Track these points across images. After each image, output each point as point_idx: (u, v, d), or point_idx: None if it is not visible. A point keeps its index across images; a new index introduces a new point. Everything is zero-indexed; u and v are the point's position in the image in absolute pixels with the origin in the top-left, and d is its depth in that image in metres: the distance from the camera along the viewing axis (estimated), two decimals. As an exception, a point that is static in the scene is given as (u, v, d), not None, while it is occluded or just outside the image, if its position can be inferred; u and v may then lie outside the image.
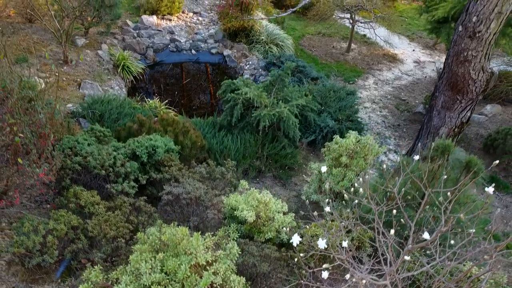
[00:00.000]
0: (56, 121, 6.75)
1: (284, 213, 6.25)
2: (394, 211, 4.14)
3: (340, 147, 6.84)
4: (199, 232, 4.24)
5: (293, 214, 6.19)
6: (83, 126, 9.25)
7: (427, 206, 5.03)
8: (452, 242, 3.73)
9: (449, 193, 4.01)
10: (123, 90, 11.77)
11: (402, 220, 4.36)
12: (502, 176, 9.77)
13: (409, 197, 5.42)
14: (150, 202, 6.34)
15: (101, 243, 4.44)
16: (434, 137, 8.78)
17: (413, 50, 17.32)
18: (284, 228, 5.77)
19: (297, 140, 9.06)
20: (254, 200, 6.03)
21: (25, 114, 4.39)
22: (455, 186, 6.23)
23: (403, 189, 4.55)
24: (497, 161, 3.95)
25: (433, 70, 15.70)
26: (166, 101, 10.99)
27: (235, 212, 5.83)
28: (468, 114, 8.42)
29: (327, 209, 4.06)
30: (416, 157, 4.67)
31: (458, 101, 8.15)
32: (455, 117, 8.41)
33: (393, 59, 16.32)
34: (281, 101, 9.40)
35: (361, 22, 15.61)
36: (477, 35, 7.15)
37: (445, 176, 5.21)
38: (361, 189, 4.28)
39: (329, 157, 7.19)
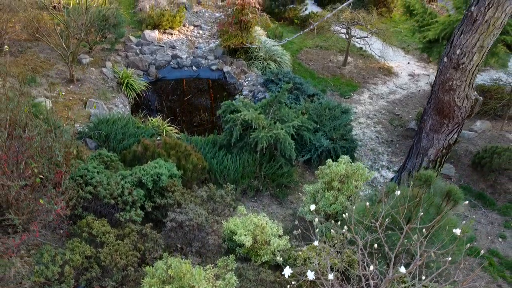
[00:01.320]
0: (69, 152, 7.24)
1: (280, 236, 6.72)
2: (381, 235, 4.59)
3: (332, 173, 7.31)
4: (201, 259, 4.72)
5: (288, 237, 6.66)
6: (90, 147, 9.74)
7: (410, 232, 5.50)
8: (424, 277, 4.18)
9: (424, 230, 4.48)
10: (127, 107, 12.25)
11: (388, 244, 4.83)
12: (489, 192, 10.24)
13: (394, 222, 5.89)
14: (155, 225, 6.83)
15: (113, 272, 4.90)
16: (423, 158, 9.25)
17: (408, 63, 17.78)
18: (279, 252, 6.24)
19: (293, 160, 9.53)
20: (252, 225, 6.50)
21: (47, 160, 4.86)
22: (438, 211, 6.72)
23: (387, 219, 5.02)
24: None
25: (427, 83, 16.15)
26: (168, 119, 11.46)
27: (234, 237, 6.30)
28: (455, 136, 8.89)
29: (318, 229, 4.52)
30: (397, 192, 5.16)
31: (445, 125, 8.62)
32: (442, 139, 8.87)
33: (388, 72, 16.79)
34: (278, 121, 9.89)
35: (356, 37, 16.08)
36: (461, 66, 7.62)
37: (423, 209, 5.69)
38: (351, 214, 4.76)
39: (322, 181, 7.66)
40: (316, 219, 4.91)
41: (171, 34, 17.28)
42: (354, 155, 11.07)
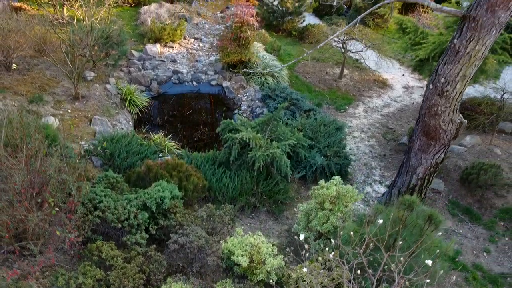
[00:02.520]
0: (79, 174, 7.75)
1: (275, 255, 7.22)
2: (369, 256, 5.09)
3: (323, 194, 7.80)
4: (201, 278, 5.20)
5: (282, 256, 7.15)
6: (95, 165, 10.23)
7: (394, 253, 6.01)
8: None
9: (402, 258, 4.97)
10: (130, 123, 12.74)
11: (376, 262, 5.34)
12: (476, 207, 10.72)
13: (382, 241, 6.38)
14: (158, 244, 7.33)
15: (121, 293, 5.40)
16: (412, 175, 9.73)
17: (403, 75, 18.27)
18: (274, 271, 6.73)
19: (289, 177, 10.02)
20: (248, 245, 7.00)
21: (60, 191, 5.36)
22: (421, 233, 7.22)
23: (371, 244, 5.50)
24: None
25: (420, 95, 16.63)
26: (170, 136, 11.96)
27: (232, 257, 6.80)
28: (442, 155, 9.37)
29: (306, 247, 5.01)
30: (380, 221, 5.67)
31: (432, 146, 9.10)
32: (430, 159, 9.36)
33: (383, 85, 17.28)
34: (274, 140, 10.39)
35: (352, 52, 16.56)
36: (445, 93, 8.11)
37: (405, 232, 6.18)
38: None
39: (314, 201, 8.15)
40: (306, 246, 5.42)
41: (172, 47, 17.77)
42: (348, 170, 11.57)
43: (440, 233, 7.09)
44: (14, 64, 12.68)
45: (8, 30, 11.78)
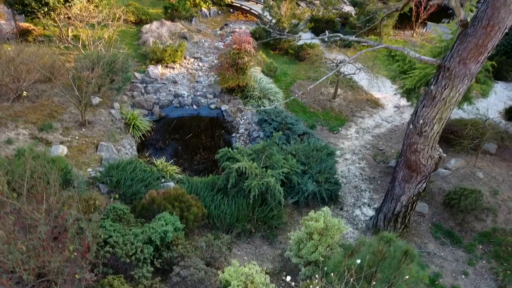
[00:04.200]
0: (91, 204, 8.52)
1: (267, 284, 7.98)
2: None
3: (312, 226, 8.55)
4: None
5: (274, 285, 7.91)
6: (102, 192, 10.98)
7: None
8: None
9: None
10: (134, 147, 13.50)
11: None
12: (457, 230, 11.47)
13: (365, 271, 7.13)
14: (161, 273, 8.10)
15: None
16: (396, 203, 10.49)
17: (395, 94, 18.95)
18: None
19: (282, 204, 10.77)
20: (243, 275, 7.76)
21: (78, 238, 6.10)
22: (398, 265, 8.00)
23: (352, 279, 6.25)
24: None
25: (411, 115, 17.37)
26: (171, 161, 12.71)
27: (228, 287, 7.56)
28: (424, 185, 10.13)
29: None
30: (358, 261, 6.42)
31: (414, 177, 9.86)
32: (413, 188, 10.12)
33: (375, 104, 18.04)
34: (269, 168, 11.14)
35: (345, 74, 17.31)
36: (423, 133, 8.86)
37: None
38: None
39: (304, 231, 8.91)
40: (293, 283, 6.17)
41: (173, 68, 18.52)
42: (339, 194, 12.33)
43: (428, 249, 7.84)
44: (24, 92, 13.42)
45: (20, 62, 12.51)
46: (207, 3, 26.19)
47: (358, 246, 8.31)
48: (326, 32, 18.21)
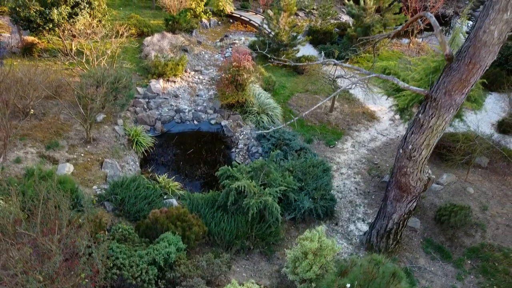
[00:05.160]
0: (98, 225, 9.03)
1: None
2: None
3: (307, 246, 9.05)
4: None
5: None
6: (108, 209, 11.48)
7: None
8: None
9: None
10: (137, 163, 14.00)
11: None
12: (447, 245, 11.97)
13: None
14: (165, 292, 8.59)
15: None
16: (388, 220, 10.99)
17: (390, 107, 19.46)
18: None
19: (279, 221, 11.26)
20: (242, 295, 8.26)
21: (89, 264, 6.60)
22: (387, 285, 8.48)
23: None
24: None
25: (405, 127, 17.87)
26: (173, 177, 13.21)
27: (228, 306, 8.05)
28: (414, 204, 10.63)
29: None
30: (348, 286, 6.92)
31: (405, 197, 10.35)
32: (404, 207, 10.61)
33: (371, 117, 18.53)
34: (267, 186, 11.64)
35: (342, 88, 17.76)
36: (412, 158, 9.36)
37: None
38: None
39: (300, 250, 9.40)
40: None
41: (174, 81, 19.03)
42: (334, 209, 12.82)
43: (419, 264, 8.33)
44: (31, 110, 13.92)
45: (27, 82, 13.02)
46: (207, 14, 26.68)
47: (350, 266, 8.82)
48: (322, 53, 18.70)
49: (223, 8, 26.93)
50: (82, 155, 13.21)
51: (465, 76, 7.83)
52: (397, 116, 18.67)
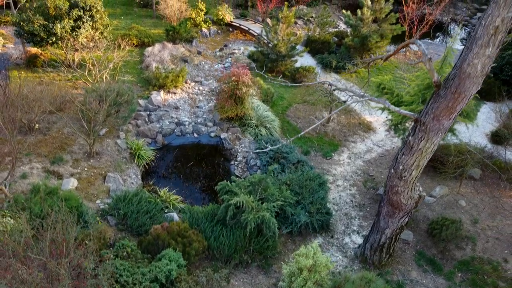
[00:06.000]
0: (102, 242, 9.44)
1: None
2: None
3: (302, 263, 9.47)
4: None
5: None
6: (111, 224, 11.89)
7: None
8: None
9: None
10: (138, 176, 14.42)
11: None
12: (439, 258, 12.38)
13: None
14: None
15: None
16: (381, 235, 11.40)
17: (386, 117, 19.85)
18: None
19: (276, 235, 11.67)
20: (240, 310, 8.68)
21: (95, 285, 7.03)
22: (378, 302, 8.87)
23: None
24: None
25: (401, 138, 18.26)
26: (174, 191, 13.63)
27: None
28: (406, 220, 11.04)
29: None
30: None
31: (397, 213, 10.76)
32: (396, 222, 11.03)
33: (367, 128, 18.93)
34: (265, 201, 12.05)
35: (338, 101, 18.21)
36: (403, 178, 9.77)
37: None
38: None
39: (296, 266, 9.82)
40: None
41: (175, 93, 19.44)
42: (330, 222, 13.23)
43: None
44: (36, 124, 14.33)
45: (33, 99, 13.43)
46: (207, 23, 27.08)
47: (343, 282, 9.25)
48: (319, 70, 19.04)
49: (222, 17, 27.34)
50: (86, 169, 13.62)
51: (451, 104, 8.23)
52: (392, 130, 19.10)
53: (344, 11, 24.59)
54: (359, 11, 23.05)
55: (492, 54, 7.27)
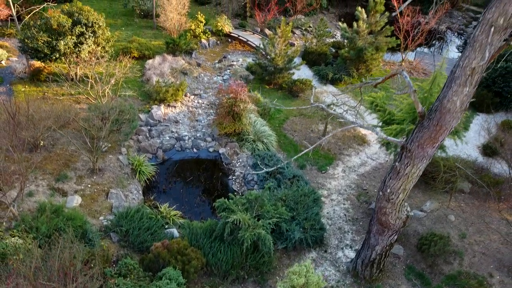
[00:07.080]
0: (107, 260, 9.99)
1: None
2: None
3: (295, 281, 10.01)
4: None
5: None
6: (113, 240, 12.44)
7: None
8: None
9: None
10: (140, 192, 14.97)
11: None
12: (428, 272, 12.92)
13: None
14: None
15: None
16: (372, 251, 11.94)
17: (380, 128, 20.42)
18: None
19: (272, 252, 12.21)
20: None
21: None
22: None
23: None
24: None
25: (396, 151, 18.80)
26: (174, 206, 14.18)
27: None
28: (395, 237, 11.58)
29: None
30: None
31: (386, 231, 11.31)
32: (385, 240, 11.58)
33: (362, 141, 19.45)
34: (261, 217, 12.60)
35: (333, 114, 18.73)
36: (391, 200, 10.32)
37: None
38: None
39: (289, 283, 10.37)
40: None
41: (175, 107, 19.98)
42: (324, 236, 13.76)
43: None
44: (41, 142, 14.87)
45: (38, 118, 13.98)
46: (207, 34, 27.61)
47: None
48: (316, 83, 19.51)
49: (221, 28, 27.86)
50: (89, 186, 14.17)
51: (434, 135, 8.78)
52: (388, 138, 19.62)
53: (340, 23, 25.10)
54: (355, 24, 23.55)
55: (469, 93, 7.81)
